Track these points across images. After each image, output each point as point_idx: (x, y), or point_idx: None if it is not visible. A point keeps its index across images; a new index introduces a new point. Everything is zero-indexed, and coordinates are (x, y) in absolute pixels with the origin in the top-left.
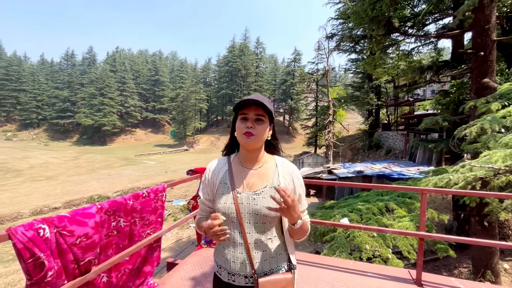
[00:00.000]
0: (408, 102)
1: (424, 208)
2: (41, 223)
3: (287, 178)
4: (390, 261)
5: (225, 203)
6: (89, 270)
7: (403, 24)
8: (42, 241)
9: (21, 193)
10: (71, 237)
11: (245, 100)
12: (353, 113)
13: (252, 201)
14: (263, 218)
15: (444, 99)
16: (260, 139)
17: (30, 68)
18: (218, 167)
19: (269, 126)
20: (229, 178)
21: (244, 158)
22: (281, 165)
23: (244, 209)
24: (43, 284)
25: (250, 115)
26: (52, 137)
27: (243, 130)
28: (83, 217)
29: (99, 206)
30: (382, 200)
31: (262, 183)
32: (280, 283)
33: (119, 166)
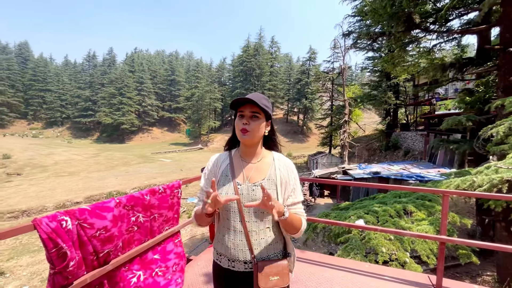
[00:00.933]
0: (429, 101)
1: (446, 211)
2: (64, 215)
3: (283, 171)
4: (407, 265)
5: (227, 193)
6: (108, 262)
7: (424, 20)
8: (64, 232)
9: (46, 188)
10: (91, 230)
11: (240, 99)
12: (369, 113)
13: (252, 192)
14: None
15: (469, 98)
16: (255, 135)
17: (55, 69)
18: (220, 160)
19: (265, 122)
20: (230, 171)
21: (244, 153)
22: (278, 159)
23: (244, 199)
24: (65, 273)
25: (246, 112)
26: (74, 135)
27: (240, 126)
28: (102, 210)
29: (117, 200)
30: (400, 202)
31: (260, 176)
32: (277, 267)
33: (137, 163)
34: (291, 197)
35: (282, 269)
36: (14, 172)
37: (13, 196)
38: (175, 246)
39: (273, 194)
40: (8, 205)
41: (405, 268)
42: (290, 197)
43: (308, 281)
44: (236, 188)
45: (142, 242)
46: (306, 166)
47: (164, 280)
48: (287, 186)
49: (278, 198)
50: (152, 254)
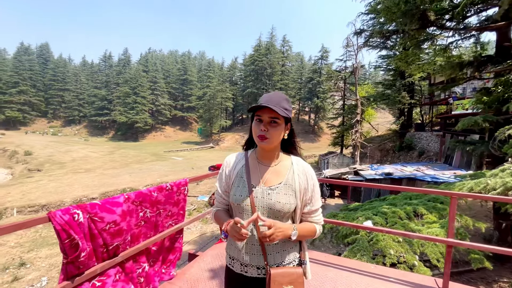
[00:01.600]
0: (445, 101)
1: (453, 213)
2: (76, 209)
3: (302, 177)
4: (416, 268)
5: (241, 195)
6: (117, 254)
7: (440, 17)
8: (76, 224)
9: (64, 183)
10: (101, 223)
11: (257, 106)
12: (383, 113)
13: (267, 195)
14: (276, 213)
15: (486, 98)
16: (274, 141)
17: (73, 69)
18: (235, 161)
19: (285, 127)
20: (245, 172)
21: (261, 155)
22: (296, 164)
23: (258, 203)
24: (77, 263)
25: (264, 117)
26: (91, 133)
27: (257, 132)
28: (112, 205)
29: (127, 196)
30: (411, 204)
31: (278, 180)
32: (291, 275)
33: (150, 161)
34: (309, 205)
35: (297, 278)
36: (35, 168)
37: (34, 191)
38: (176, 241)
39: (290, 199)
40: (29, 199)
41: (413, 271)
42: (308, 205)
43: (311, 280)
44: (251, 190)
45: (148, 236)
46: (317, 166)
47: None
48: (305, 193)
49: (297, 204)
50: (156, 247)
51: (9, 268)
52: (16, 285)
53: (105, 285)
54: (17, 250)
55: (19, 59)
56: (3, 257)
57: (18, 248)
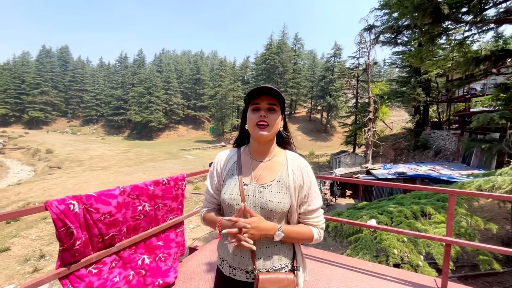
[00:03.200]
0: (463, 98)
1: (452, 211)
2: (72, 199)
3: (297, 173)
4: (420, 268)
5: (231, 194)
6: (113, 244)
7: (455, 11)
8: (72, 214)
9: (82, 180)
10: (96, 214)
11: (258, 88)
12: (398, 111)
13: (259, 194)
14: (268, 213)
15: (503, 94)
16: (274, 129)
17: (91, 70)
18: (227, 157)
19: (281, 115)
20: (237, 169)
21: (254, 150)
22: (291, 159)
23: (249, 202)
24: (72, 251)
25: (263, 105)
26: (108, 132)
27: (256, 120)
28: (107, 197)
29: (122, 189)
30: (418, 203)
31: (270, 176)
32: (281, 282)
33: (163, 159)
34: (305, 205)
35: (287, 285)
36: (55, 166)
37: (54, 187)
38: (177, 235)
39: (284, 198)
40: (49, 195)
41: (417, 271)
42: (304, 204)
43: None
44: (242, 189)
45: (147, 229)
46: (329, 165)
47: (165, 266)
48: (301, 191)
49: (292, 203)
50: (157, 241)
51: (30, 259)
52: (36, 275)
53: (101, 272)
54: (38, 243)
55: (41, 62)
56: (25, 249)
57: (39, 241)
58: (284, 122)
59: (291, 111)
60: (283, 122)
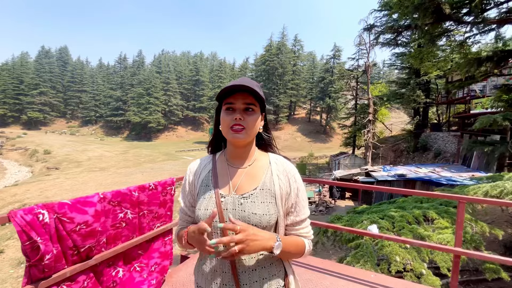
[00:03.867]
0: (464, 100)
1: (462, 219)
2: (41, 208)
3: (283, 178)
4: (424, 277)
5: (206, 209)
6: (91, 256)
7: (456, 11)
8: (40, 225)
9: (79, 182)
10: (70, 224)
11: (231, 86)
12: (398, 112)
13: (239, 206)
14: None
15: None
16: (251, 133)
17: (90, 71)
18: (201, 166)
19: (260, 116)
20: (212, 179)
21: (231, 155)
22: (275, 162)
23: (229, 216)
24: (40, 266)
25: (238, 105)
26: (106, 132)
27: (230, 123)
28: (84, 205)
29: (102, 195)
30: (421, 207)
31: (252, 185)
32: None
33: (162, 160)
34: (292, 215)
35: None
36: (53, 167)
37: (51, 188)
38: (165, 244)
39: (270, 208)
40: (46, 196)
41: (421, 280)
42: (291, 214)
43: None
44: (219, 202)
45: (130, 239)
46: (328, 167)
47: (140, 277)
48: (288, 199)
49: (279, 214)
50: (137, 250)
51: (24, 263)
52: None
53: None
54: None
55: (40, 62)
56: (19, 252)
57: None
58: (265, 122)
59: (291, 112)
60: (264, 122)
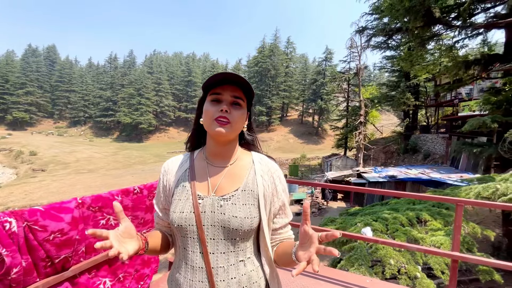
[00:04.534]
0: (451, 102)
1: (460, 223)
2: (8, 216)
3: (267, 179)
4: (418, 280)
5: (182, 212)
6: (67, 268)
7: (446, 15)
8: (6, 235)
9: (67, 184)
10: (43, 232)
11: (220, 75)
12: (388, 114)
13: (219, 208)
14: (233, 233)
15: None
16: (236, 129)
17: (80, 70)
18: (175, 165)
19: (246, 113)
20: (189, 179)
21: (212, 153)
22: (259, 162)
23: (207, 220)
24: (6, 281)
25: (226, 96)
26: (96, 133)
27: (215, 114)
28: (59, 211)
29: (80, 200)
30: (414, 209)
31: (233, 185)
32: None
33: (152, 162)
34: (280, 217)
35: None
36: (39, 168)
37: (36, 191)
38: None
39: (252, 211)
40: (31, 199)
41: (415, 284)
42: (279, 217)
43: None
44: (196, 204)
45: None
46: (320, 168)
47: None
48: (273, 202)
49: (262, 217)
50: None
51: None
52: None
53: None
54: None
55: (27, 61)
56: None
57: None
58: (249, 122)
59: (283, 114)
60: (248, 122)
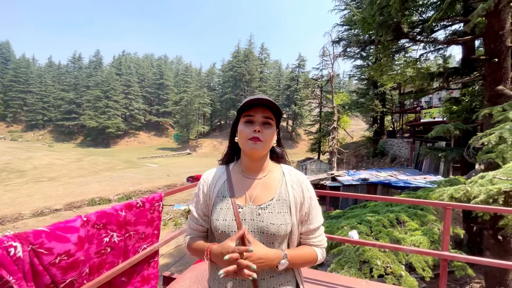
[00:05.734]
0: (414, 109)
1: (448, 225)
2: (13, 240)
3: (297, 189)
4: (403, 279)
5: (225, 220)
6: None
7: (411, 30)
8: (12, 261)
9: (23, 194)
10: (49, 256)
11: (253, 100)
12: (357, 120)
13: (257, 216)
14: (270, 238)
15: (455, 107)
16: (268, 146)
17: (38, 70)
18: (215, 177)
19: (276, 130)
20: (228, 190)
21: (247, 167)
22: (289, 174)
23: (247, 227)
24: None
25: (257, 117)
26: (56, 138)
27: (249, 135)
28: (65, 231)
29: (85, 218)
30: (393, 211)
31: (268, 195)
32: None
33: (122, 168)
34: (306, 223)
35: None
36: None
37: None
38: (149, 267)
39: (286, 218)
40: None
41: (400, 282)
42: (305, 223)
43: None
44: (237, 212)
45: (115, 265)
46: None
47: None
48: (301, 209)
49: (293, 223)
50: (121, 277)
51: None
52: None
53: None
54: None
55: None
56: None
57: None
58: (278, 136)
59: None
60: (277, 136)
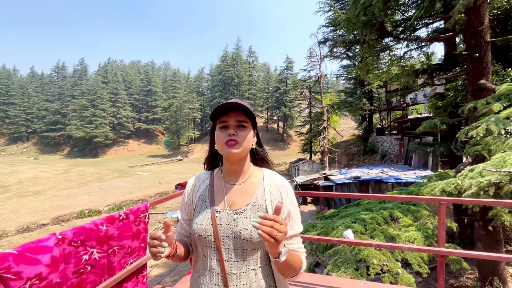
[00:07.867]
0: (401, 107)
1: (443, 220)
2: None
3: (274, 193)
4: (400, 276)
5: (202, 223)
6: None
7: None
8: None
9: (7, 210)
10: (17, 281)
11: (223, 105)
12: (346, 119)
13: (232, 221)
14: (244, 243)
15: (441, 102)
16: (245, 146)
17: (20, 81)
18: (199, 182)
19: (252, 132)
20: (209, 195)
21: (227, 172)
22: (268, 178)
23: (223, 231)
24: None
25: (231, 122)
26: (42, 150)
27: (224, 139)
28: (35, 252)
29: (60, 236)
30: (386, 208)
31: (245, 200)
32: None
33: (112, 178)
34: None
35: None
36: None
37: None
38: (137, 283)
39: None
40: None
41: (397, 280)
42: None
43: None
44: (214, 217)
45: (97, 284)
46: (288, 174)
47: None
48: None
49: None
50: None
51: None
52: None
53: None
54: None
55: None
56: None
57: None
58: (257, 138)
59: None
60: (256, 138)
